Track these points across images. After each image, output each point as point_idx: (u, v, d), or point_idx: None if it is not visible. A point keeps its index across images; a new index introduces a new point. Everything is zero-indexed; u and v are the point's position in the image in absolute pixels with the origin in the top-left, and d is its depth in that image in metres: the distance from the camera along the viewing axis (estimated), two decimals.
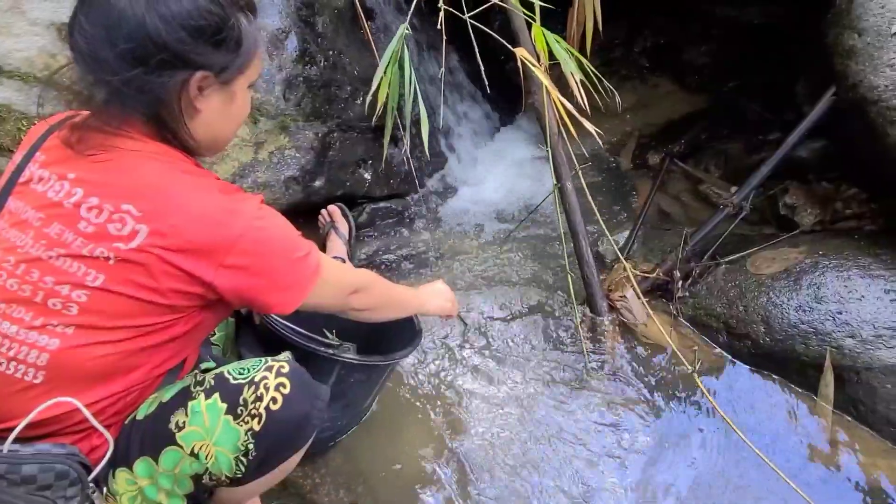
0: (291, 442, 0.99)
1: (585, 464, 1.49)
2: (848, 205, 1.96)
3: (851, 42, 1.74)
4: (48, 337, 0.85)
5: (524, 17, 1.74)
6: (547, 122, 1.80)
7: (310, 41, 1.94)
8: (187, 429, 0.93)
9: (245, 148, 1.81)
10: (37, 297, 0.85)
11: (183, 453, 0.93)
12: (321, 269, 0.99)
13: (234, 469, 0.94)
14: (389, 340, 1.44)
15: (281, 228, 0.94)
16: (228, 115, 0.97)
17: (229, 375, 0.97)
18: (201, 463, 0.93)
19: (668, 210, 2.32)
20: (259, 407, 0.93)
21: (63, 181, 0.87)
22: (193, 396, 0.96)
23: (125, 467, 0.95)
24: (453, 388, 1.65)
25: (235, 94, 0.95)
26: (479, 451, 1.51)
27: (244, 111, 1.00)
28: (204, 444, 0.93)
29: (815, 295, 1.62)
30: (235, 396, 0.94)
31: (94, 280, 0.85)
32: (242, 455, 0.94)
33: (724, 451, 1.51)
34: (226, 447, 0.93)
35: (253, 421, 0.93)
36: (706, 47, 2.93)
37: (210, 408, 0.94)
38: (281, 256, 0.93)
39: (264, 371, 0.96)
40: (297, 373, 0.99)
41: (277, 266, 0.93)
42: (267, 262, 0.91)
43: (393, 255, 2.10)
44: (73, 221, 0.85)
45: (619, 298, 1.87)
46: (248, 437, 0.93)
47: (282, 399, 0.94)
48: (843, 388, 1.56)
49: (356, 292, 1.12)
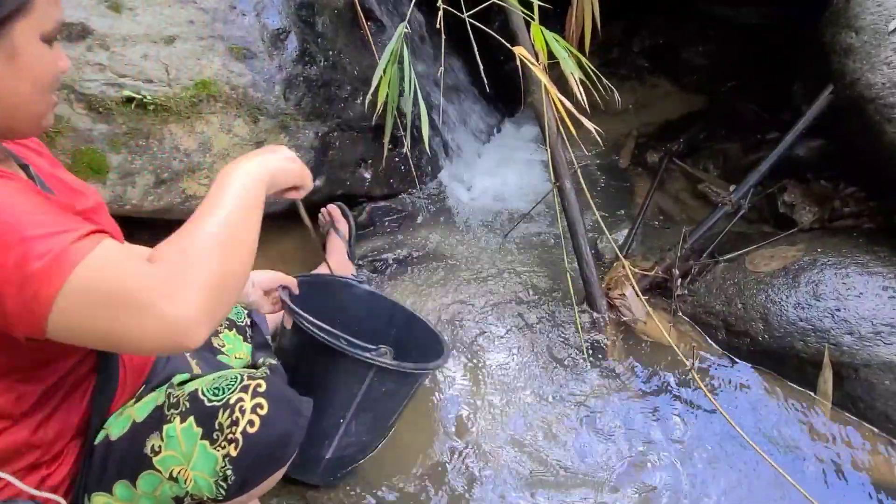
0: (272, 462, 0.95)
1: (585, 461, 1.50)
2: (846, 203, 1.97)
3: (849, 40, 1.75)
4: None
5: (523, 16, 1.75)
6: (546, 120, 1.81)
7: (310, 41, 1.94)
8: (164, 453, 0.91)
9: (245, 147, 1.82)
10: None
11: (161, 477, 0.91)
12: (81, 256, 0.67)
13: (216, 492, 0.92)
14: (413, 356, 1.38)
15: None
16: (13, 76, 0.73)
17: (204, 397, 0.93)
18: (181, 486, 0.91)
19: (667, 209, 2.33)
20: (235, 431, 0.89)
21: None
22: (168, 419, 0.92)
23: (103, 491, 0.92)
24: (452, 388, 1.65)
25: (18, 47, 0.72)
26: (478, 450, 1.51)
27: (41, 70, 0.76)
28: (182, 468, 0.90)
29: (814, 292, 1.63)
30: (210, 421, 0.91)
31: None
32: (221, 480, 0.91)
33: (724, 448, 1.52)
34: (204, 471, 0.90)
35: (230, 446, 0.89)
36: (704, 48, 2.94)
37: (185, 432, 0.91)
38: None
39: (240, 392, 0.92)
40: (275, 389, 0.94)
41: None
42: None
43: (393, 254, 2.11)
44: None
45: (618, 297, 1.88)
46: (225, 463, 0.90)
47: (259, 421, 0.90)
48: (842, 385, 1.56)
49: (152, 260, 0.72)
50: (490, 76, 1.71)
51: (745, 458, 1.48)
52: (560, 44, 1.67)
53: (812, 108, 1.88)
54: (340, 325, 1.24)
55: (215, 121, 1.76)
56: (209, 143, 1.76)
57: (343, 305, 1.52)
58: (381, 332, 1.52)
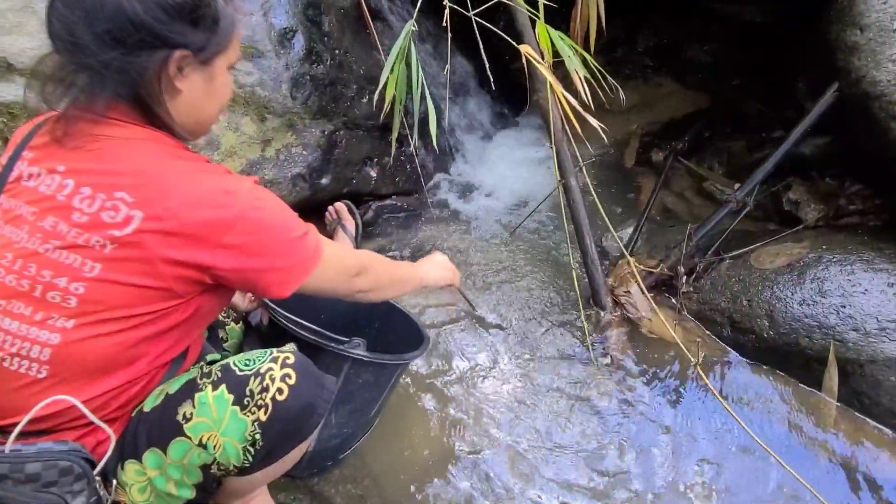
0: (297, 431, 1.00)
1: (592, 456, 1.50)
2: (851, 201, 1.97)
3: (854, 38, 1.75)
4: (48, 332, 0.85)
5: (528, 15, 1.76)
6: (551, 118, 1.82)
7: (316, 40, 1.96)
8: (195, 420, 0.94)
9: (252, 145, 1.83)
10: (35, 292, 0.85)
11: (191, 444, 0.94)
12: (321, 250, 0.98)
13: (242, 459, 0.95)
14: (394, 347, 1.42)
15: (278, 209, 0.94)
16: (209, 96, 0.96)
17: (235, 367, 0.98)
18: (209, 453, 0.94)
19: (672, 206, 2.34)
20: (265, 398, 0.94)
21: (53, 174, 0.87)
22: (200, 388, 0.96)
23: (134, 459, 0.96)
24: (459, 383, 1.66)
25: (215, 74, 0.95)
26: (485, 446, 1.52)
27: (225, 93, 1.00)
28: (212, 434, 0.93)
29: (819, 289, 1.63)
30: (242, 387, 0.95)
31: (90, 270, 0.84)
32: (250, 445, 0.95)
33: (729, 444, 1.52)
34: (233, 437, 0.94)
35: (259, 411, 0.94)
36: (708, 46, 2.94)
37: (217, 399, 0.94)
38: (279, 236, 0.92)
39: (270, 362, 0.97)
40: (303, 363, 0.99)
41: (275, 245, 0.92)
42: (265, 241, 0.90)
43: (399, 252, 2.12)
44: (66, 213, 0.85)
45: (623, 294, 1.88)
46: (255, 428, 0.94)
47: (287, 389, 0.95)
48: (847, 382, 1.57)
49: (360, 274, 1.10)
50: (494, 75, 1.72)
51: (751, 452, 1.49)
52: (565, 42, 1.67)
53: (817, 105, 1.88)
54: (326, 321, 1.27)
55: (223, 119, 1.78)
56: (217, 142, 1.78)
57: (328, 301, 1.53)
58: (363, 325, 1.55)
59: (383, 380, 1.37)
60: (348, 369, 1.25)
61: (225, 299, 1.03)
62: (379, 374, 1.35)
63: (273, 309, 1.25)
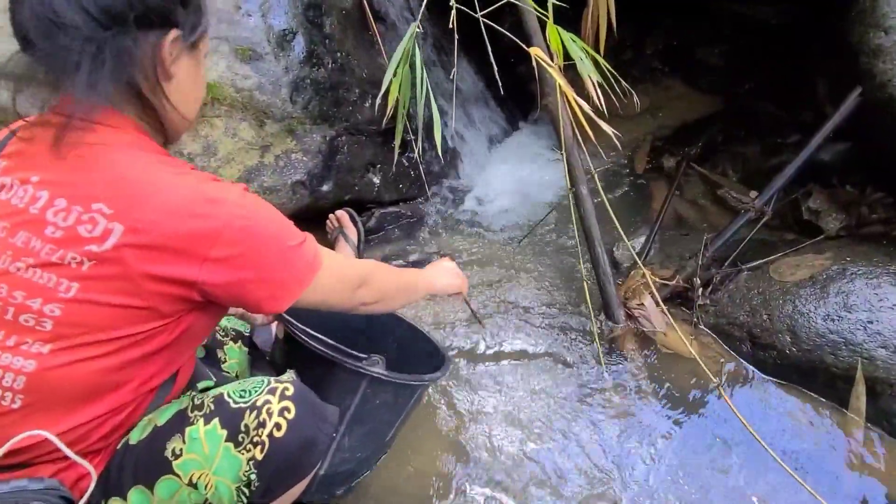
0: (297, 469, 0.92)
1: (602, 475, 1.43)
2: (874, 209, 1.89)
3: (878, 41, 1.68)
4: (23, 358, 0.78)
5: (537, 16, 1.69)
6: (561, 124, 1.74)
7: (317, 43, 1.89)
8: (185, 456, 0.87)
9: (251, 151, 1.76)
10: (7, 315, 0.77)
11: (180, 483, 0.87)
12: (319, 260, 0.91)
13: (236, 500, 0.88)
14: (412, 367, 1.32)
15: (270, 217, 0.86)
16: (195, 84, 0.92)
17: (229, 399, 0.91)
18: (200, 494, 0.87)
19: (686, 215, 2.26)
20: (262, 434, 0.87)
21: (26, 185, 0.79)
22: (191, 421, 0.89)
23: (119, 497, 0.88)
24: (465, 395, 1.59)
25: (200, 60, 0.91)
26: (493, 458, 1.44)
27: (204, 83, 0.96)
28: (203, 473, 0.86)
29: (844, 303, 1.56)
30: (236, 422, 0.88)
31: (66, 290, 0.77)
32: (244, 485, 0.88)
33: (750, 468, 1.44)
34: (226, 477, 0.87)
35: (255, 449, 0.87)
36: (719, 48, 2.87)
37: (209, 434, 0.87)
38: (271, 245, 0.84)
39: (267, 394, 0.90)
40: (303, 394, 0.92)
41: (268, 256, 0.84)
42: (255, 252, 0.82)
43: (403, 260, 2.05)
44: (39, 227, 0.77)
45: (636, 306, 1.80)
46: (249, 467, 0.87)
47: (286, 425, 0.88)
48: (876, 401, 1.49)
49: (362, 285, 1.03)
50: (502, 80, 1.65)
51: (772, 475, 1.41)
52: (577, 44, 1.60)
53: (840, 109, 1.80)
54: (342, 339, 1.18)
55: (220, 124, 1.71)
56: (214, 147, 1.71)
57: (344, 318, 1.47)
58: (381, 344, 1.47)
59: (402, 401, 1.28)
60: (366, 388, 1.16)
61: (216, 318, 0.96)
62: (398, 395, 1.26)
63: (290, 322, 1.16)
